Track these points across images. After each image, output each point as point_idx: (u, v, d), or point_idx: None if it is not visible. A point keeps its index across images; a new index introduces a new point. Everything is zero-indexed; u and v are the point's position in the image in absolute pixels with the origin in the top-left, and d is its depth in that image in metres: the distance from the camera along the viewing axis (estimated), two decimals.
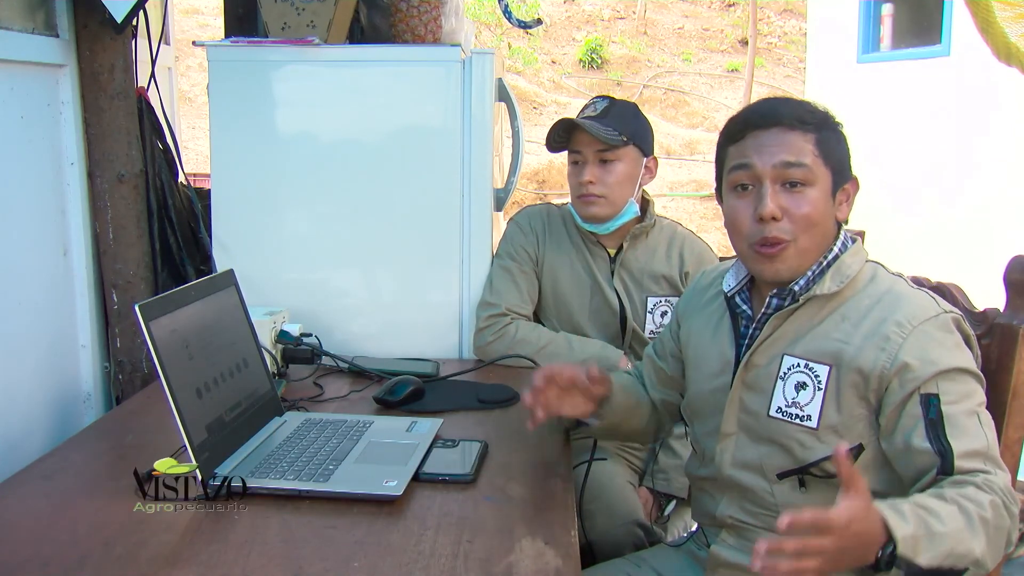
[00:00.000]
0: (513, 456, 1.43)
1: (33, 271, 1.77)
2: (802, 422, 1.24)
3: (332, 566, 1.07)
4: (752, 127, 1.27)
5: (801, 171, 1.23)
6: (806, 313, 1.27)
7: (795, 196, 1.24)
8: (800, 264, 1.26)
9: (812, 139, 1.24)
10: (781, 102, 1.29)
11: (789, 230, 1.24)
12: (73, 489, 1.30)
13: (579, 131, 1.90)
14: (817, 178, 1.24)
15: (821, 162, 1.25)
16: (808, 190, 1.24)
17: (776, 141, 1.25)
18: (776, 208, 1.23)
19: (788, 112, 1.26)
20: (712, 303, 1.43)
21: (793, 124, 1.25)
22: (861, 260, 1.29)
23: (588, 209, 1.91)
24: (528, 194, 7.47)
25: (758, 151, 1.25)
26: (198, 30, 9.16)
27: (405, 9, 2.08)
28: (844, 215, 1.29)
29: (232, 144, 2.03)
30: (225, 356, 1.42)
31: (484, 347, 1.96)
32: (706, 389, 1.39)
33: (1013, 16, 2.71)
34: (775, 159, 1.24)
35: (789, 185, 1.24)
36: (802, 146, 1.24)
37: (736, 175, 1.28)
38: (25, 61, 1.74)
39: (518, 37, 10.73)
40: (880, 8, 6.35)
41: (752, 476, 1.29)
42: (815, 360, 1.24)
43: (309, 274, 2.08)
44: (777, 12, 12.07)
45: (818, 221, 1.25)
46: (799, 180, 1.24)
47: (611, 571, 1.48)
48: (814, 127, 1.25)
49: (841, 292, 1.26)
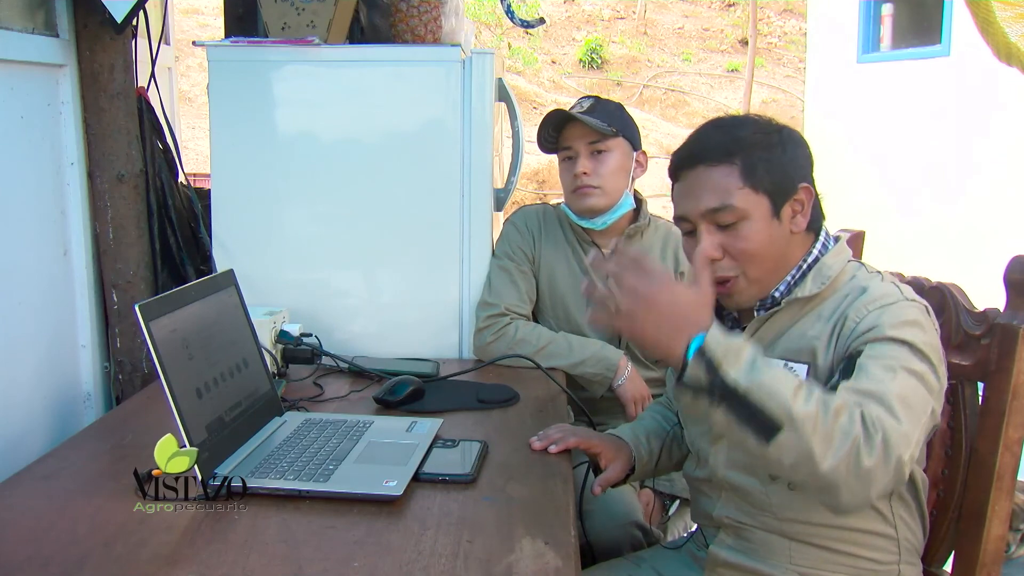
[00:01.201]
0: (513, 456, 1.43)
1: (33, 271, 1.77)
2: None
3: (332, 566, 1.07)
4: (680, 167, 1.29)
5: (728, 213, 1.23)
6: (787, 314, 1.28)
7: (730, 234, 1.24)
8: (759, 291, 1.27)
9: (737, 171, 1.23)
10: (707, 132, 1.29)
11: (733, 267, 1.25)
12: (73, 489, 1.30)
13: (569, 126, 1.91)
14: (749, 211, 1.23)
15: (750, 191, 1.23)
16: (743, 224, 1.23)
17: (700, 184, 1.25)
18: (713, 250, 1.24)
19: (710, 146, 1.25)
20: None
21: (715, 159, 1.24)
22: (843, 260, 1.28)
23: (585, 201, 1.91)
24: (528, 194, 7.47)
25: (687, 197, 1.27)
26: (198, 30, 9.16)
27: (405, 9, 2.08)
28: (801, 226, 1.27)
29: (232, 144, 2.03)
30: (225, 356, 1.42)
31: (484, 347, 1.96)
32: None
33: (1013, 16, 2.71)
34: (700, 206, 1.25)
35: (723, 224, 1.24)
36: (726, 184, 1.23)
37: (679, 223, 1.31)
38: (25, 61, 1.74)
39: (518, 37, 10.73)
40: (880, 8, 6.35)
41: (746, 478, 1.29)
42: (794, 360, 1.24)
43: (309, 274, 2.08)
44: (777, 12, 12.07)
45: (758, 251, 1.24)
46: (729, 221, 1.24)
47: (611, 571, 1.49)
48: (740, 155, 1.24)
49: (822, 293, 1.26)
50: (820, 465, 1.00)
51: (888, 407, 1.05)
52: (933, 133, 5.62)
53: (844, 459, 1.00)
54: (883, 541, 1.26)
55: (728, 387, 1.02)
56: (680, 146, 1.32)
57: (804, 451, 1.00)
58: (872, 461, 1.00)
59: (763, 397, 1.01)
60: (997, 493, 1.28)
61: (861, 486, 1.01)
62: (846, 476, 1.01)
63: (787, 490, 1.25)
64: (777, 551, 1.28)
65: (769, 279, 1.27)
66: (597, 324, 1.03)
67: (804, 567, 1.27)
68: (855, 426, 1.01)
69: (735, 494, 1.32)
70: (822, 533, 1.25)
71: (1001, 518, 1.29)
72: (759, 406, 1.01)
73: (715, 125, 1.30)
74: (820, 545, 1.25)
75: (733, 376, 1.02)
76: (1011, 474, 1.29)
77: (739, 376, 1.02)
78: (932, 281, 1.42)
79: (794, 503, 1.25)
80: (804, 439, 1.00)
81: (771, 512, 1.27)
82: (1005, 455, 1.27)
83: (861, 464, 1.00)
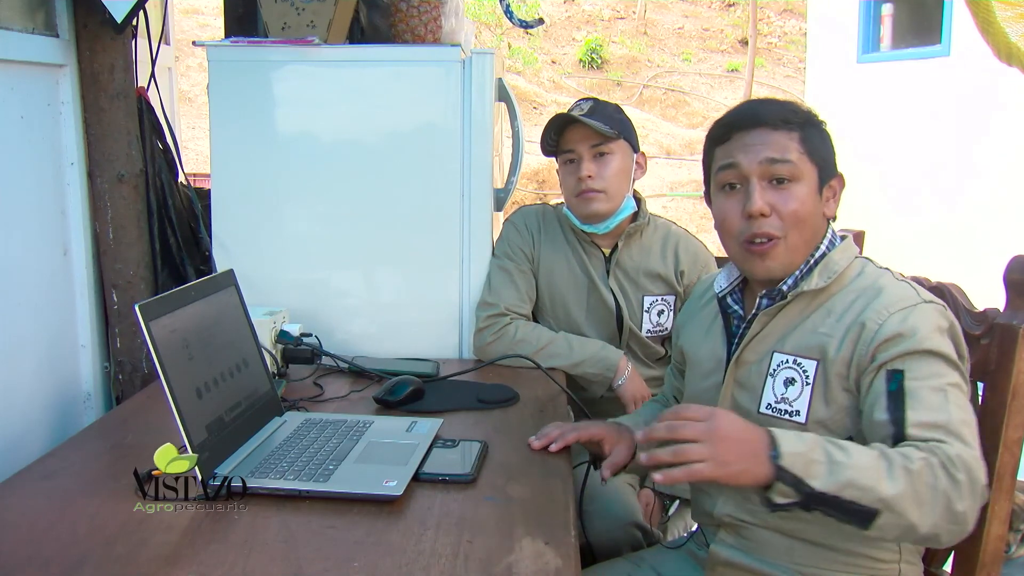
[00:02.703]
0: (513, 456, 1.43)
1: (33, 271, 1.77)
2: (791, 417, 1.25)
3: (332, 566, 1.07)
4: (736, 128, 1.30)
5: (787, 167, 1.25)
6: (794, 309, 1.28)
7: (782, 192, 1.26)
8: (790, 261, 1.28)
9: (796, 137, 1.27)
10: (764, 103, 1.31)
11: (779, 226, 1.26)
12: (73, 489, 1.30)
13: (571, 129, 1.90)
14: (803, 174, 1.26)
15: (806, 158, 1.27)
16: (795, 186, 1.26)
17: (760, 140, 1.27)
18: (764, 204, 1.25)
19: (771, 112, 1.28)
20: (707, 306, 1.46)
21: (776, 124, 1.27)
22: (850, 256, 1.30)
23: (589, 206, 1.91)
24: (528, 194, 7.47)
25: (744, 150, 1.28)
26: (198, 30, 9.16)
27: (405, 9, 2.08)
28: (832, 211, 1.31)
29: (232, 144, 2.03)
30: (225, 356, 1.42)
31: (484, 347, 1.96)
32: (700, 388, 1.40)
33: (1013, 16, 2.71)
34: (760, 156, 1.26)
35: (776, 182, 1.26)
36: (786, 144, 1.26)
37: (723, 175, 1.31)
38: (25, 61, 1.74)
39: (518, 37, 10.73)
40: (880, 8, 6.35)
41: None
42: (803, 355, 1.25)
43: (309, 274, 2.08)
44: (777, 12, 12.08)
45: (806, 217, 1.26)
46: (785, 176, 1.26)
47: (610, 571, 1.49)
48: (797, 126, 1.27)
49: (828, 288, 1.27)
50: (920, 529, 1.05)
51: (959, 436, 1.09)
52: (933, 133, 5.62)
53: (941, 515, 1.05)
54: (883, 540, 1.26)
55: (817, 495, 1.04)
56: (730, 112, 1.33)
57: (904, 525, 1.05)
58: (964, 504, 1.05)
59: (854, 495, 1.04)
60: (997, 493, 1.28)
61: (959, 527, 1.07)
62: (945, 526, 1.06)
63: None
64: (778, 549, 1.28)
65: (800, 253, 1.28)
66: (672, 481, 1.07)
67: (804, 566, 1.27)
68: (940, 481, 1.05)
69: (736, 491, 1.32)
70: (822, 531, 1.25)
71: (1001, 518, 1.29)
72: (852, 502, 1.04)
73: (769, 100, 1.33)
74: (820, 543, 1.25)
75: (819, 486, 1.04)
76: (1011, 474, 1.29)
77: (825, 484, 1.04)
78: (932, 281, 1.42)
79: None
80: (902, 515, 1.04)
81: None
82: (1005, 455, 1.27)
83: (955, 511, 1.05)
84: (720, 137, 1.32)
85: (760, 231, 1.26)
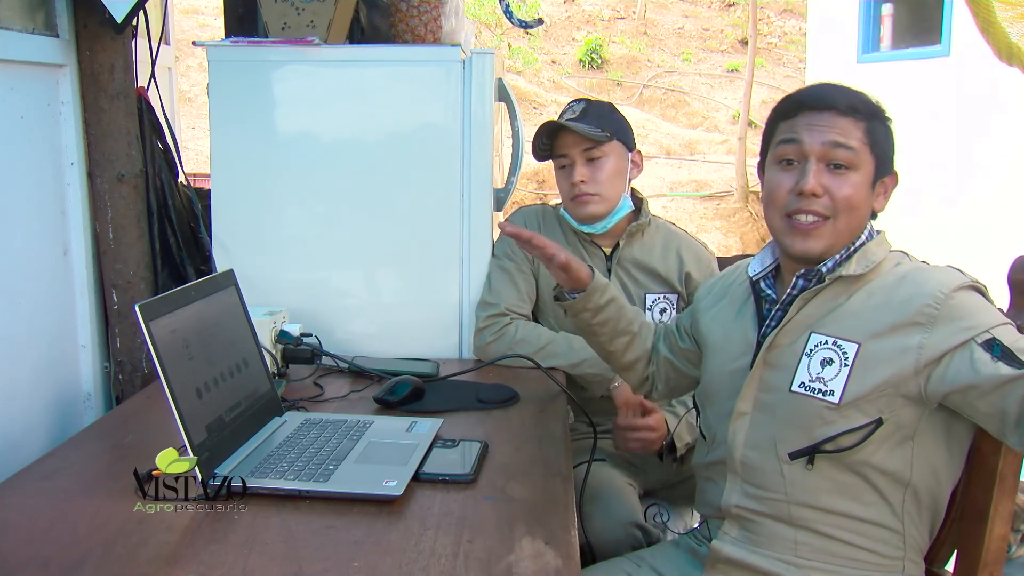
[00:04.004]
0: (513, 456, 1.43)
1: (33, 271, 1.77)
2: (824, 397, 1.25)
3: (332, 566, 1.07)
4: (806, 107, 1.30)
5: (847, 153, 1.26)
6: (831, 293, 1.29)
7: (838, 177, 1.27)
8: (832, 244, 1.29)
9: (862, 127, 1.27)
10: (837, 88, 1.32)
11: (829, 207, 1.27)
12: (73, 489, 1.30)
13: (562, 134, 1.90)
14: (862, 163, 1.27)
15: (868, 149, 1.28)
16: (851, 173, 1.27)
17: (827, 123, 1.28)
18: (818, 185, 1.26)
19: (843, 98, 1.29)
20: (736, 289, 1.47)
21: (845, 110, 1.28)
22: (885, 249, 1.32)
23: (584, 209, 1.91)
24: (528, 194, 7.46)
25: (808, 129, 1.28)
26: (198, 30, 9.16)
27: (405, 9, 2.08)
28: (881, 206, 1.33)
29: (232, 144, 2.03)
30: (225, 356, 1.41)
31: (484, 347, 1.96)
32: (725, 371, 1.40)
33: (1014, 16, 2.71)
34: (824, 138, 1.27)
35: (833, 166, 1.27)
36: (851, 131, 1.27)
37: (783, 148, 1.31)
38: (25, 61, 1.74)
39: (518, 37, 10.73)
40: (880, 8, 6.36)
41: (763, 456, 1.30)
42: (843, 338, 1.25)
43: (309, 274, 2.07)
44: (777, 12, 12.07)
45: (857, 205, 1.28)
46: (844, 162, 1.27)
47: (610, 570, 1.48)
48: (865, 116, 1.28)
49: (866, 275, 1.28)
50: None
51: None
52: (933, 133, 5.62)
53: None
54: (889, 535, 1.26)
55: None
56: (801, 91, 1.34)
57: None
58: None
59: None
60: (999, 494, 1.28)
61: None
62: None
63: (804, 470, 1.26)
64: (782, 541, 1.28)
65: (843, 239, 1.29)
66: None
67: (808, 559, 1.27)
68: None
69: (747, 476, 1.32)
70: (830, 520, 1.25)
71: (1003, 518, 1.29)
72: None
73: (839, 86, 1.33)
74: (826, 534, 1.26)
75: None
76: (1013, 475, 1.29)
77: None
78: None
79: (808, 484, 1.26)
80: None
81: (783, 493, 1.28)
82: (1008, 456, 1.27)
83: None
84: (787, 112, 1.32)
85: (809, 208, 1.27)
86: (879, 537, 1.26)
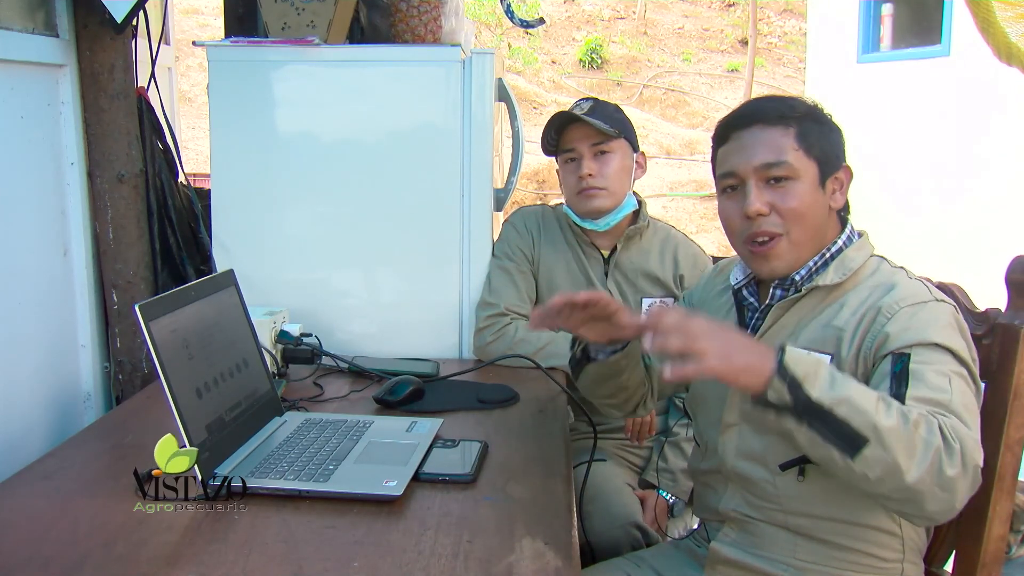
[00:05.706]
0: (513, 456, 1.43)
1: (33, 271, 1.77)
2: None
3: (332, 566, 1.07)
4: (733, 128, 1.31)
5: (782, 168, 1.26)
6: (809, 303, 1.29)
7: (780, 191, 1.26)
8: (795, 257, 1.28)
9: (792, 133, 1.27)
10: (763, 100, 1.32)
11: (779, 224, 1.27)
12: (73, 489, 1.30)
13: (571, 128, 1.90)
14: (800, 172, 1.26)
15: (803, 155, 1.27)
16: (793, 184, 1.26)
17: (755, 140, 1.27)
18: (762, 205, 1.26)
19: (771, 108, 1.28)
20: (721, 296, 1.46)
21: (772, 120, 1.27)
22: (866, 254, 1.30)
23: (591, 203, 1.91)
24: (528, 194, 7.46)
25: (739, 153, 1.28)
26: (198, 30, 9.16)
27: (405, 9, 2.08)
28: (839, 203, 1.31)
29: (232, 144, 2.03)
30: (225, 356, 1.41)
31: (484, 347, 1.96)
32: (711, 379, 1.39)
33: (1014, 16, 2.71)
34: (754, 160, 1.27)
35: (774, 180, 1.26)
36: (781, 142, 1.26)
37: (722, 180, 1.32)
38: (25, 61, 1.74)
39: (518, 37, 10.73)
40: (880, 8, 6.35)
41: (755, 467, 1.30)
42: (817, 349, 1.25)
43: (309, 274, 2.07)
44: (777, 12, 12.07)
45: (806, 212, 1.27)
46: (781, 175, 1.26)
47: (610, 570, 1.48)
48: (795, 120, 1.27)
49: (843, 284, 1.27)
50: (906, 477, 1.01)
51: (958, 415, 1.07)
52: (933, 133, 5.62)
53: (928, 470, 1.02)
54: (887, 538, 1.26)
55: (812, 404, 1.03)
56: (730, 113, 1.34)
57: (890, 464, 1.01)
58: (954, 471, 1.02)
59: (847, 413, 1.02)
60: (998, 494, 1.28)
61: (946, 495, 1.03)
62: (931, 486, 1.02)
63: (795, 482, 1.25)
64: (781, 545, 1.28)
65: (807, 247, 1.28)
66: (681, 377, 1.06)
67: (806, 562, 1.27)
68: (935, 437, 1.03)
69: (742, 485, 1.32)
70: (827, 527, 1.25)
71: (1002, 518, 1.29)
72: (844, 421, 1.02)
73: (769, 96, 1.33)
74: (825, 540, 1.25)
75: (816, 394, 1.03)
76: (1012, 475, 1.29)
77: (822, 394, 1.03)
78: (934, 281, 1.42)
79: (801, 495, 1.25)
80: (890, 452, 1.01)
81: (777, 504, 1.27)
82: (1006, 455, 1.27)
83: (944, 473, 1.02)
84: (721, 137, 1.33)
85: (760, 230, 1.27)
86: (877, 540, 1.26)
